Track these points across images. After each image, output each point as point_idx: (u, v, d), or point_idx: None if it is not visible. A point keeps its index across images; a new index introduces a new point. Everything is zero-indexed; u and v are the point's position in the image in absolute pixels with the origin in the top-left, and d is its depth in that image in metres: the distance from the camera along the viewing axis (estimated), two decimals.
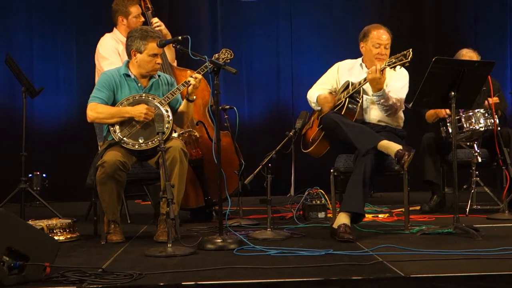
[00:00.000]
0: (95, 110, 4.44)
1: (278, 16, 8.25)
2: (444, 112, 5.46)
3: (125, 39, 4.74)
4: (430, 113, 5.74)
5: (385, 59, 4.75)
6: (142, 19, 5.46)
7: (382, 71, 4.59)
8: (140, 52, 4.52)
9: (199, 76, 4.50)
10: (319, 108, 5.05)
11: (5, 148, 7.32)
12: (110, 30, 5.55)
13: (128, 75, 4.57)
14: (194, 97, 4.57)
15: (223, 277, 3.11)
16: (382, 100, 4.71)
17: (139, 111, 4.37)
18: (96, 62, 5.44)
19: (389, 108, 4.77)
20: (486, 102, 5.40)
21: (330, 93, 5.08)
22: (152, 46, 4.51)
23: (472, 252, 3.58)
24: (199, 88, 4.60)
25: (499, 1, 8.29)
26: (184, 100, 4.59)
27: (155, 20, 5.51)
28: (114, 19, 5.49)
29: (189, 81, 4.50)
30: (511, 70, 8.17)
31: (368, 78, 4.64)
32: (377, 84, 4.63)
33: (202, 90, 5.24)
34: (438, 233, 4.31)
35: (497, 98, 5.49)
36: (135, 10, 5.42)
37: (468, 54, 5.73)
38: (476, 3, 8.30)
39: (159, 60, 4.56)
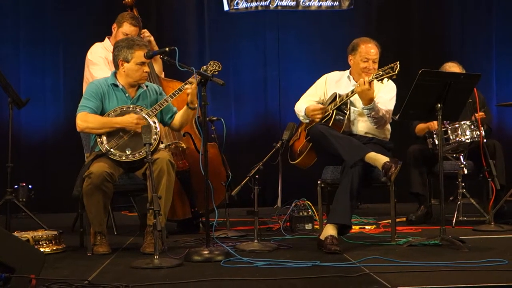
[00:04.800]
0: (85, 119, 4.42)
1: (266, 27, 8.26)
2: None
3: None
4: (421, 127, 5.75)
5: (372, 73, 4.76)
6: None
7: (370, 83, 4.61)
8: (128, 61, 4.52)
9: (194, 81, 4.45)
10: (307, 120, 5.06)
11: None
12: (98, 41, 5.55)
13: (116, 85, 4.56)
14: (196, 105, 4.55)
15: None
16: (373, 113, 4.72)
17: (129, 121, 4.37)
18: (86, 70, 5.44)
19: (379, 120, 4.78)
20: (473, 117, 5.42)
21: (319, 104, 5.10)
22: (139, 55, 4.50)
23: (459, 264, 3.59)
24: (186, 99, 4.58)
25: (485, 15, 8.35)
26: (185, 107, 4.58)
27: (145, 31, 5.51)
28: (112, 25, 5.50)
29: (182, 89, 4.50)
30: (496, 82, 8.23)
31: (357, 91, 4.65)
32: (367, 96, 4.64)
33: None
34: (424, 245, 4.32)
35: (483, 113, 5.52)
36: (127, 28, 5.38)
37: (451, 69, 5.76)
38: (463, 17, 8.35)
39: (146, 69, 4.56)
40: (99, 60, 5.36)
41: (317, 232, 4.81)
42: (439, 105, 4.37)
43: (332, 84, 5.10)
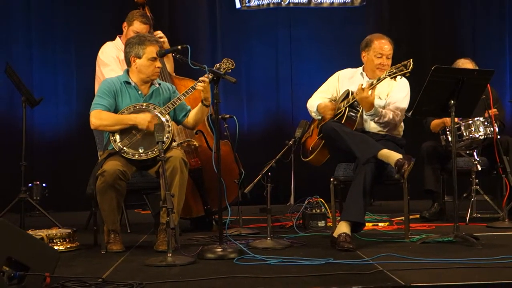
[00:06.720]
0: (99, 117, 4.43)
1: (278, 25, 8.26)
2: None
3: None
4: (436, 123, 5.72)
5: (386, 69, 4.74)
6: None
7: (372, 88, 4.59)
8: (139, 57, 4.53)
9: (206, 79, 4.44)
10: (319, 117, 5.05)
11: (5, 157, 7.32)
12: (110, 40, 5.57)
13: (129, 83, 4.57)
14: (210, 101, 4.54)
15: (223, 287, 3.12)
16: (376, 118, 4.72)
17: (143, 118, 4.37)
18: (97, 69, 5.45)
19: (386, 125, 4.78)
20: (486, 113, 5.39)
21: (330, 101, 5.09)
22: (151, 50, 4.52)
23: (473, 261, 3.58)
24: (198, 97, 4.60)
25: (498, 10, 8.31)
26: (200, 104, 4.59)
27: (159, 33, 5.52)
28: (123, 24, 5.51)
29: (195, 87, 4.50)
30: (510, 78, 8.18)
31: (357, 98, 4.64)
32: (366, 103, 4.63)
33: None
34: (438, 242, 4.31)
35: (496, 109, 5.49)
36: (137, 26, 5.38)
37: (464, 65, 5.73)
38: (475, 11, 8.32)
39: (158, 64, 4.57)
40: (110, 60, 5.37)
41: (330, 230, 4.81)
42: (452, 101, 4.36)
43: (345, 81, 5.09)
